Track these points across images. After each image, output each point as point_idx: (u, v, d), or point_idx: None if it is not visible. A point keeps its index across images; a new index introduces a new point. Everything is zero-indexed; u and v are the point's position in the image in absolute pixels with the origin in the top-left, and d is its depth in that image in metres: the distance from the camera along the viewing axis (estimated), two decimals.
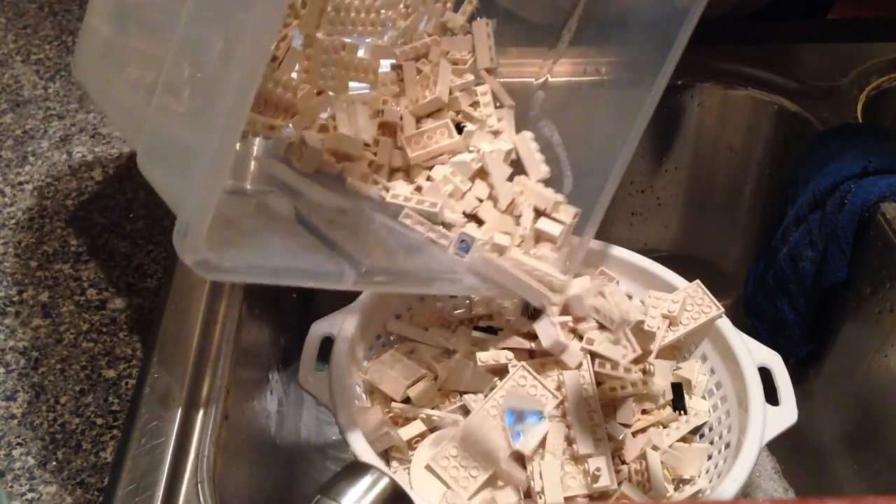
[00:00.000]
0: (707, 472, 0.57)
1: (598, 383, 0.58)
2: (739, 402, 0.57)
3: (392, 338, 0.65)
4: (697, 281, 0.62)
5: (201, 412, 0.50)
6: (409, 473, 0.56)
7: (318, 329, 0.60)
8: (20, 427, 0.49)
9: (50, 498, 0.46)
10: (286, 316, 0.72)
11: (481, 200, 0.60)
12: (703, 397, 0.61)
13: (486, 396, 0.58)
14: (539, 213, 0.60)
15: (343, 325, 0.60)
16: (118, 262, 0.59)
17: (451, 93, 0.63)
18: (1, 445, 0.49)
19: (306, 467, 0.72)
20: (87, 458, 0.48)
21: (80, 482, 0.47)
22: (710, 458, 0.58)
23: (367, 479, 0.43)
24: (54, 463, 0.48)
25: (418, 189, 0.59)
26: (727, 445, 0.56)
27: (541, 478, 0.54)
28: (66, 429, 0.49)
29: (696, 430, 0.60)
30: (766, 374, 0.59)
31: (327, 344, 0.60)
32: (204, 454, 0.48)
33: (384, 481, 0.43)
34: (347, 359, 0.58)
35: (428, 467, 0.56)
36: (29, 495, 0.46)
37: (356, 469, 0.44)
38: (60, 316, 0.55)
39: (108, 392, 0.51)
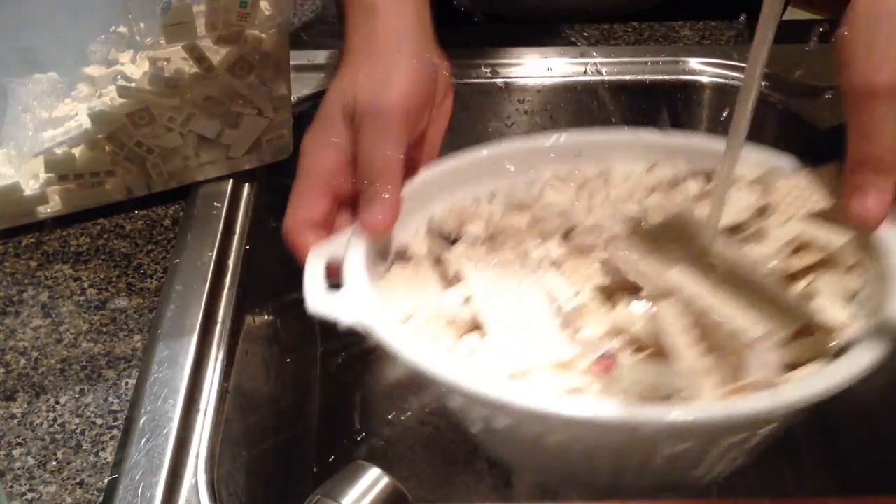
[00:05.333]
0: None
1: None
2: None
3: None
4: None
5: (201, 412, 0.50)
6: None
7: (320, 251, 0.51)
8: (20, 427, 0.50)
9: (50, 498, 0.46)
10: (286, 314, 0.73)
11: None
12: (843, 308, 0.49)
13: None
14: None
15: (350, 247, 0.51)
16: (118, 262, 0.59)
17: None
18: (1, 445, 0.49)
19: (306, 467, 0.72)
20: (87, 458, 0.48)
21: (80, 482, 0.47)
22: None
23: (366, 479, 0.43)
24: (54, 463, 0.48)
25: None
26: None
27: None
28: (66, 429, 0.49)
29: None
30: None
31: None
32: (204, 454, 0.48)
33: (384, 481, 0.43)
34: (369, 269, 0.50)
35: None
36: (29, 495, 0.46)
37: (356, 469, 0.44)
38: (60, 316, 0.55)
39: (108, 392, 0.51)
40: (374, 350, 0.83)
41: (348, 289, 0.48)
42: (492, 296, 0.49)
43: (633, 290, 0.50)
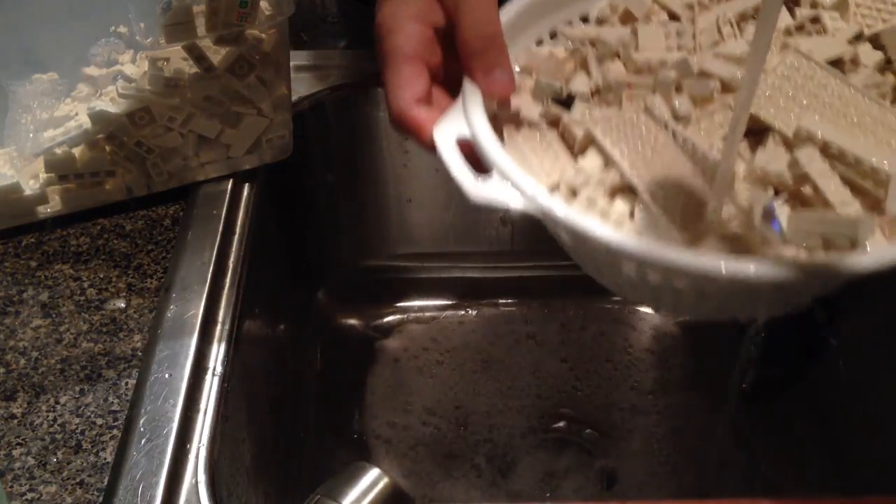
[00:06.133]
0: None
1: None
2: None
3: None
4: None
5: (201, 412, 0.50)
6: None
7: (447, 132, 0.48)
8: (20, 427, 0.50)
9: (50, 498, 0.46)
10: (286, 314, 0.73)
11: None
12: None
13: None
14: None
15: (473, 121, 0.48)
16: (118, 262, 0.59)
17: None
18: (1, 445, 0.49)
19: (306, 467, 0.72)
20: (87, 458, 0.48)
21: (80, 482, 0.47)
22: None
23: (366, 479, 0.43)
24: (54, 463, 0.48)
25: None
26: None
27: None
28: (66, 429, 0.49)
29: None
30: None
31: None
32: (204, 455, 0.48)
33: (384, 481, 0.43)
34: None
35: None
36: (29, 495, 0.46)
37: (356, 469, 0.44)
38: (60, 316, 0.55)
39: (108, 392, 0.51)
40: (374, 350, 0.84)
41: (505, 171, 0.44)
42: (632, 157, 0.47)
43: (757, 141, 0.48)
